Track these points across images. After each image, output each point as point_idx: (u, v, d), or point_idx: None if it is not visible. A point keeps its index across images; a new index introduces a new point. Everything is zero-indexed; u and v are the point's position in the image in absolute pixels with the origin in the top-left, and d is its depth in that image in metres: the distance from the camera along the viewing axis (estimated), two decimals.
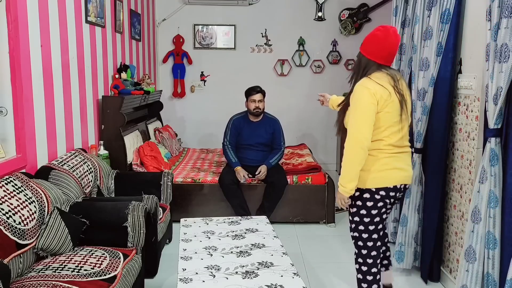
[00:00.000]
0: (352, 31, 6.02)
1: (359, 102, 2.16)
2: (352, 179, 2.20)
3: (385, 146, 2.22)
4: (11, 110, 2.51)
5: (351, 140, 2.17)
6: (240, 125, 4.09)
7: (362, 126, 2.15)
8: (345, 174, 2.22)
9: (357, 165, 2.18)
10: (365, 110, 2.14)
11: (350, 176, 2.21)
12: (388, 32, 2.18)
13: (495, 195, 2.21)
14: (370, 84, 2.15)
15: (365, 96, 2.13)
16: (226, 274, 2.16)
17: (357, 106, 2.16)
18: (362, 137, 2.14)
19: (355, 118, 2.17)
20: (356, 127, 2.16)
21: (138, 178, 3.48)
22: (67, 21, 3.19)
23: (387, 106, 2.15)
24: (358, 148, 2.16)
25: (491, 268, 2.23)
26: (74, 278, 2.02)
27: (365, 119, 2.14)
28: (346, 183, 2.22)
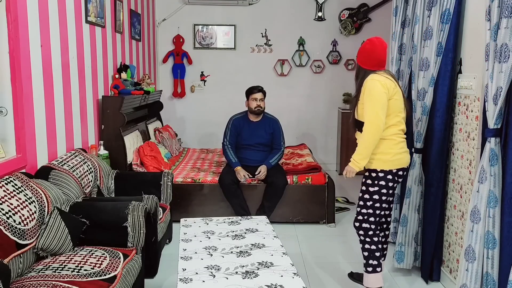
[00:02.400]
0: (352, 31, 6.02)
1: (372, 92, 2.51)
2: (366, 156, 2.55)
3: (399, 131, 2.60)
4: (11, 110, 2.52)
5: (370, 123, 2.51)
6: (240, 125, 4.09)
7: (378, 111, 2.48)
8: (361, 151, 2.55)
9: (373, 145, 2.53)
10: (379, 98, 2.49)
11: (365, 153, 2.54)
12: (374, 44, 2.62)
13: (494, 195, 2.21)
14: (378, 77, 2.55)
15: (376, 86, 2.50)
16: (226, 274, 2.16)
17: (372, 95, 2.50)
18: (379, 121, 2.48)
19: (372, 105, 2.50)
20: (374, 112, 2.49)
21: (138, 178, 3.48)
22: (67, 21, 3.19)
23: (395, 94, 2.54)
24: (376, 130, 2.50)
25: (490, 267, 2.23)
26: (74, 278, 2.03)
27: (380, 105, 2.49)
28: (361, 159, 2.56)
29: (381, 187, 2.60)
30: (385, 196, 2.63)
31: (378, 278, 2.69)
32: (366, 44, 2.67)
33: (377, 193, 2.62)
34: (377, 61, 2.62)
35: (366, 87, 2.55)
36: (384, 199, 2.63)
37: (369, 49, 2.63)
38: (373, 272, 2.68)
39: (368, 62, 2.64)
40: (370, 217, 2.66)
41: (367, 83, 2.56)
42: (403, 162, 2.63)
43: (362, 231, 2.70)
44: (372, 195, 2.63)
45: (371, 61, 2.62)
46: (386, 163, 2.58)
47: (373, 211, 2.65)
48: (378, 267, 2.68)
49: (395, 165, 2.59)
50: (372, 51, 2.62)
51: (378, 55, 2.61)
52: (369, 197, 2.64)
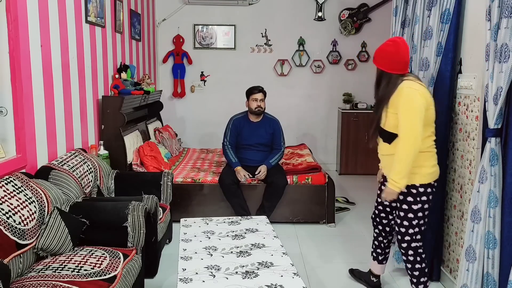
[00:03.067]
0: (352, 31, 6.02)
1: (411, 104, 2.34)
2: (406, 175, 2.37)
3: (433, 141, 2.48)
4: (11, 110, 2.51)
5: (408, 139, 2.34)
6: (240, 125, 4.09)
7: (418, 126, 2.33)
8: (400, 170, 2.37)
9: (412, 162, 2.35)
10: (418, 111, 2.33)
11: (404, 172, 2.36)
12: (398, 45, 2.43)
13: (495, 195, 2.21)
14: (416, 85, 2.38)
15: (416, 97, 2.34)
16: (226, 274, 2.16)
17: (411, 107, 2.34)
18: (418, 134, 2.33)
19: (410, 119, 2.34)
20: (414, 126, 2.33)
21: (138, 178, 3.48)
22: (67, 21, 3.19)
23: (431, 104, 2.42)
24: (415, 146, 2.34)
25: (491, 267, 2.23)
26: (74, 278, 2.02)
27: (419, 120, 2.33)
28: (401, 179, 2.38)
29: (423, 202, 2.47)
30: (428, 211, 2.52)
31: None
32: (388, 46, 2.47)
33: (421, 210, 2.48)
34: (403, 64, 2.44)
35: (403, 96, 2.36)
36: (427, 214, 2.52)
37: (393, 51, 2.43)
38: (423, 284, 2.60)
39: (393, 66, 2.44)
40: (417, 235, 2.53)
41: (404, 91, 2.37)
42: (437, 174, 2.52)
43: (411, 250, 2.55)
44: (417, 213, 2.48)
45: (396, 65, 2.43)
46: (425, 177, 2.45)
47: (419, 229, 2.53)
48: (428, 282, 2.62)
49: (433, 178, 2.48)
50: (397, 53, 2.42)
51: (403, 57, 2.43)
52: (414, 215, 2.49)
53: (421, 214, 2.49)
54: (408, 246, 2.55)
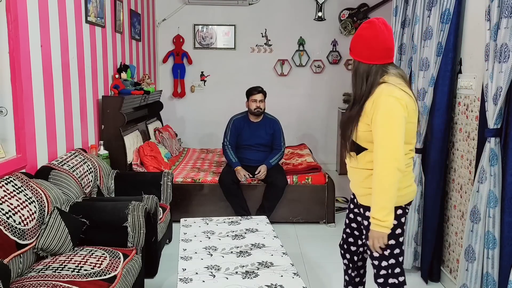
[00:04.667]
0: (352, 31, 6.02)
1: (391, 115, 1.81)
2: (392, 209, 1.83)
3: (409, 159, 1.97)
4: (11, 110, 2.52)
5: (387, 162, 1.80)
6: (240, 126, 4.09)
7: (398, 143, 1.81)
8: (383, 205, 1.82)
9: (395, 189, 1.82)
10: (399, 126, 1.81)
11: (390, 206, 1.82)
12: (376, 25, 1.86)
13: (494, 195, 2.21)
14: (398, 93, 1.84)
15: (397, 108, 1.81)
16: (226, 274, 2.16)
17: (391, 120, 1.81)
18: (400, 157, 1.81)
19: (390, 134, 1.81)
20: (393, 145, 1.80)
21: (138, 178, 3.48)
22: (67, 21, 3.19)
23: (413, 115, 1.90)
24: (396, 170, 1.80)
25: (491, 267, 2.23)
26: (74, 278, 2.03)
27: (400, 136, 1.81)
28: (386, 216, 1.81)
29: (394, 227, 1.90)
30: (402, 236, 1.98)
31: None
32: (364, 29, 1.89)
33: (392, 237, 1.93)
34: (384, 51, 1.88)
35: (380, 105, 1.83)
36: (402, 241, 1.98)
37: (371, 35, 1.86)
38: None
39: (372, 54, 1.87)
40: (395, 268, 1.99)
41: (382, 100, 1.83)
42: (413, 195, 2.02)
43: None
44: (388, 239, 1.91)
45: (376, 52, 1.87)
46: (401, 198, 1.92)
47: (395, 260, 1.98)
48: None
49: (405, 200, 1.97)
50: (376, 36, 1.85)
51: (384, 41, 1.86)
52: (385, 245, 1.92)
53: (393, 241, 1.94)
54: (385, 283, 2.01)
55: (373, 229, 1.86)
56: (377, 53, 1.87)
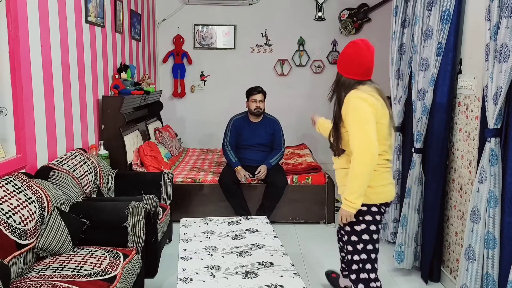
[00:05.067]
0: (352, 31, 6.02)
1: (359, 112, 2.05)
2: (362, 194, 2.08)
3: (384, 160, 2.18)
4: (11, 110, 2.52)
5: (361, 151, 2.03)
6: (240, 126, 4.09)
7: (370, 134, 2.02)
8: (355, 189, 2.07)
9: (368, 178, 2.06)
10: (368, 120, 2.04)
11: (360, 190, 2.07)
12: (359, 47, 2.14)
13: (494, 195, 2.21)
14: (364, 95, 2.08)
15: (363, 106, 2.05)
16: (226, 274, 2.16)
17: (359, 116, 2.04)
18: (374, 147, 2.02)
19: (360, 128, 2.03)
20: (365, 138, 2.02)
21: (138, 178, 3.48)
22: (67, 21, 3.19)
23: (382, 117, 2.11)
24: (370, 159, 2.03)
25: (491, 267, 2.23)
26: (74, 278, 2.03)
27: (371, 128, 2.03)
28: (356, 198, 2.08)
29: (368, 223, 2.15)
30: (376, 234, 2.18)
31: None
32: (348, 48, 2.18)
33: (366, 232, 2.15)
34: (364, 69, 2.14)
35: (349, 107, 2.07)
36: (376, 238, 2.18)
37: (353, 54, 2.15)
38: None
39: (352, 71, 2.14)
40: (366, 264, 2.17)
41: (351, 102, 2.08)
42: (388, 196, 2.20)
43: (361, 284, 2.20)
44: (361, 235, 2.15)
45: (355, 69, 2.14)
46: (368, 197, 2.13)
47: (367, 256, 2.17)
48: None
49: (379, 200, 2.16)
50: (357, 56, 2.13)
51: (364, 61, 2.14)
52: (358, 238, 2.17)
53: (366, 236, 2.14)
54: (357, 278, 2.19)
55: (343, 208, 2.14)
56: (357, 71, 2.15)
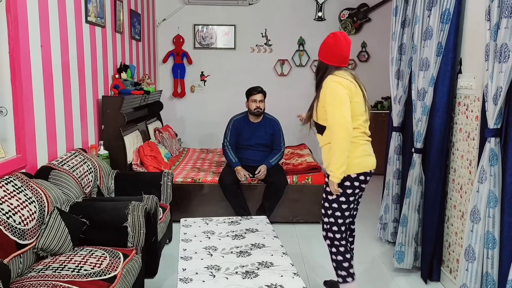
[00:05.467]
0: (352, 31, 6.02)
1: (334, 93, 2.38)
2: (343, 164, 2.38)
3: (361, 133, 2.48)
4: (11, 110, 2.52)
5: (338, 127, 2.35)
6: (240, 126, 4.09)
7: (344, 112, 2.35)
8: (336, 160, 2.37)
9: (346, 149, 2.36)
10: (342, 99, 2.36)
11: (341, 161, 2.37)
12: (338, 38, 2.48)
13: (494, 195, 2.21)
14: (338, 78, 2.42)
15: (338, 87, 2.38)
16: (226, 274, 2.16)
17: (334, 97, 2.37)
18: (348, 123, 2.34)
19: (336, 107, 2.36)
20: (340, 115, 2.35)
21: (138, 178, 3.48)
22: (67, 21, 3.19)
23: (355, 95, 2.43)
24: (346, 133, 2.34)
25: (490, 267, 2.23)
26: (74, 278, 2.03)
27: (345, 107, 2.35)
28: (338, 169, 2.38)
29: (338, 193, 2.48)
30: (347, 204, 2.49)
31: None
32: (329, 38, 2.53)
33: (335, 201, 2.50)
34: (340, 57, 2.47)
35: (326, 90, 2.41)
36: (345, 208, 2.49)
37: (332, 43, 2.48)
38: (344, 282, 2.59)
39: (330, 58, 2.48)
40: (333, 226, 2.55)
41: (327, 85, 2.41)
42: (365, 166, 2.47)
43: (328, 240, 2.61)
44: (331, 203, 2.52)
45: (333, 57, 2.47)
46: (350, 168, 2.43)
47: (334, 220, 2.54)
48: (348, 277, 2.58)
49: (354, 170, 2.44)
50: (335, 45, 2.47)
51: (342, 50, 2.47)
52: (329, 205, 2.54)
53: (335, 205, 2.49)
54: (326, 236, 2.62)
55: (330, 179, 2.45)
56: (334, 58, 2.48)
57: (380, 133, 5.81)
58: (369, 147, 2.54)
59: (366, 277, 3.08)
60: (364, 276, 3.09)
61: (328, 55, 2.50)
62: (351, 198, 2.49)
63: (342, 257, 2.58)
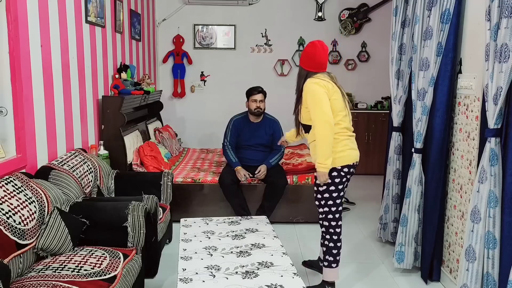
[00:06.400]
0: (352, 31, 6.02)
1: (314, 94, 2.61)
2: (329, 155, 2.60)
3: (342, 129, 2.68)
4: (11, 110, 2.51)
5: (320, 123, 2.57)
6: (240, 126, 4.09)
7: (324, 109, 2.57)
8: (322, 153, 2.59)
9: (330, 142, 2.59)
10: (322, 98, 2.59)
11: (327, 153, 2.59)
12: (316, 46, 2.71)
13: (494, 195, 2.21)
14: (316, 80, 2.66)
15: (316, 88, 2.61)
16: (226, 274, 2.16)
17: (314, 97, 2.60)
18: (328, 118, 2.56)
19: (317, 106, 2.58)
20: (321, 112, 2.57)
21: (138, 178, 3.48)
22: (67, 21, 3.19)
23: (334, 93, 2.65)
24: (328, 128, 2.56)
25: (491, 267, 2.23)
26: (74, 278, 2.02)
27: (325, 104, 2.58)
28: (326, 160, 2.59)
29: (328, 184, 2.68)
30: (336, 193, 2.70)
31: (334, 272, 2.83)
32: (308, 47, 2.77)
33: (327, 192, 2.70)
34: (318, 64, 2.70)
35: (307, 92, 2.64)
36: (335, 196, 2.71)
37: (311, 52, 2.72)
38: (329, 267, 2.79)
39: (309, 64, 2.72)
40: (328, 215, 2.75)
41: (307, 87, 2.65)
42: (347, 159, 2.68)
43: (324, 228, 2.80)
44: (323, 193, 2.72)
45: (312, 63, 2.71)
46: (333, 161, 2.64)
47: (328, 208, 2.73)
48: (334, 263, 2.78)
49: (337, 163, 2.65)
50: (313, 53, 2.70)
51: (319, 57, 2.70)
52: (321, 196, 2.73)
53: (327, 195, 2.70)
54: (322, 224, 2.80)
55: (318, 170, 2.64)
56: (313, 64, 2.72)
57: (380, 133, 5.83)
58: (350, 141, 2.73)
59: (366, 277, 3.08)
60: (364, 276, 3.09)
61: (307, 62, 2.74)
62: (340, 186, 2.70)
63: (333, 244, 2.77)
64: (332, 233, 2.76)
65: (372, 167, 5.72)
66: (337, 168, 2.66)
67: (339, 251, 2.79)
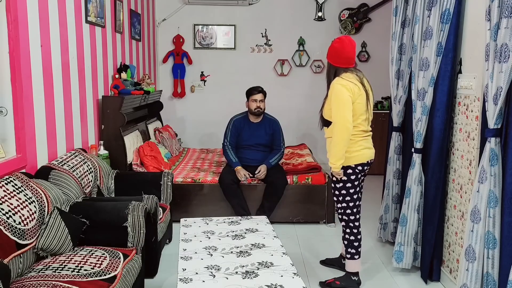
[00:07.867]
0: (352, 31, 6.02)
1: (339, 96, 2.68)
2: (341, 157, 2.73)
3: (359, 131, 2.78)
4: (11, 110, 2.52)
5: (339, 127, 2.68)
6: (240, 126, 4.09)
7: (346, 113, 2.66)
8: (335, 154, 2.73)
9: (345, 145, 2.70)
10: (345, 101, 2.67)
11: (339, 155, 2.72)
12: (344, 42, 2.77)
13: (494, 195, 2.21)
14: (344, 82, 2.71)
15: (343, 91, 2.67)
16: (226, 274, 2.16)
17: (339, 99, 2.68)
18: (348, 123, 2.66)
19: (339, 108, 2.67)
20: (341, 115, 2.67)
21: (138, 178, 3.48)
22: (67, 21, 3.19)
23: (358, 97, 2.71)
24: (346, 132, 2.67)
25: (491, 267, 2.23)
26: (74, 278, 2.02)
27: (347, 108, 2.67)
28: (337, 161, 2.74)
29: (344, 182, 2.81)
30: (353, 189, 2.83)
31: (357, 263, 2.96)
32: (335, 42, 2.80)
33: (344, 188, 2.83)
34: (346, 59, 2.75)
35: (333, 92, 2.71)
36: (352, 192, 2.83)
37: (339, 47, 2.76)
38: (351, 259, 2.92)
39: (337, 60, 2.77)
40: (347, 210, 2.88)
41: (334, 87, 2.71)
42: (361, 158, 2.81)
43: (343, 222, 2.93)
44: (340, 190, 2.85)
45: (340, 59, 2.76)
46: (345, 160, 2.76)
47: (346, 205, 2.86)
48: (356, 254, 2.91)
49: (353, 162, 2.78)
50: (342, 49, 2.75)
51: (347, 52, 2.75)
52: (338, 192, 2.87)
53: (344, 191, 2.84)
54: (341, 219, 2.94)
55: (332, 169, 2.81)
56: (341, 60, 2.77)
57: (380, 133, 5.82)
58: (366, 141, 2.84)
59: (366, 277, 3.08)
60: (364, 276, 3.08)
61: (335, 58, 2.78)
62: (356, 183, 2.83)
63: (354, 237, 2.90)
64: (352, 227, 2.89)
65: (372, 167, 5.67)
66: (351, 166, 2.78)
67: (359, 243, 2.92)
